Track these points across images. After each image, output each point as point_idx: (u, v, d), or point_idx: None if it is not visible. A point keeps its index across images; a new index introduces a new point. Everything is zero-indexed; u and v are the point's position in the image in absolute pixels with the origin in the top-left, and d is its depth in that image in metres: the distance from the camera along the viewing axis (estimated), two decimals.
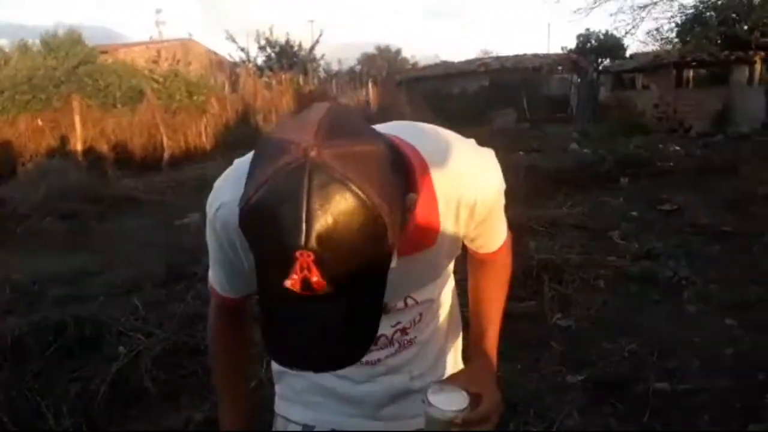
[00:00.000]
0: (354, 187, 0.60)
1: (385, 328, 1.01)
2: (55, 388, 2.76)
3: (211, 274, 1.00)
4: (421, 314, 1.05)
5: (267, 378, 2.89)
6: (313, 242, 0.59)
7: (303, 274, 0.60)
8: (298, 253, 0.59)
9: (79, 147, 10.47)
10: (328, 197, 0.59)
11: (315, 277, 0.61)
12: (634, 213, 6.25)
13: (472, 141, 0.94)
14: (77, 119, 10.53)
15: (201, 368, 2.96)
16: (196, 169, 9.93)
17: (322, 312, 0.65)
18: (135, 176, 9.45)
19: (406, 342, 1.05)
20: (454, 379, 0.96)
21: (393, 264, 0.78)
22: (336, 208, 0.59)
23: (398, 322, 1.02)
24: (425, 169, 0.84)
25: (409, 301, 1.00)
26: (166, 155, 11.39)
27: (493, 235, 1.03)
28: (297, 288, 0.62)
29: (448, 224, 0.90)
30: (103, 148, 10.64)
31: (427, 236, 0.89)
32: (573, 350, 3.23)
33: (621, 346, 3.24)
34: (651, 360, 3.08)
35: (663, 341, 3.27)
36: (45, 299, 3.93)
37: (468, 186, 0.89)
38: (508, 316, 1.11)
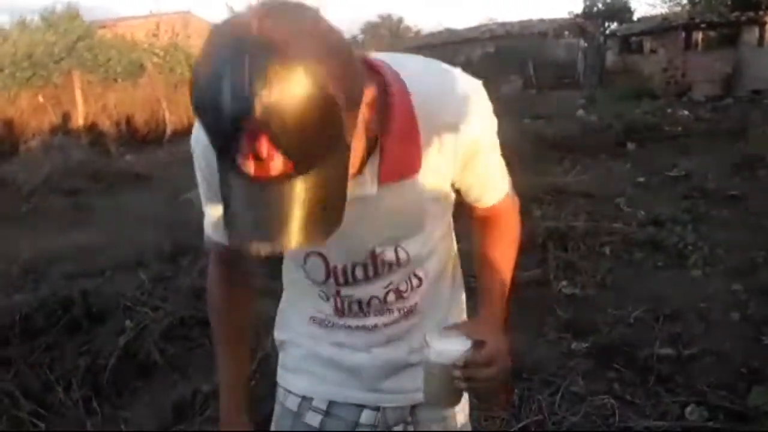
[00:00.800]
0: (298, 61, 0.58)
1: (377, 289, 0.98)
2: (64, 361, 2.80)
3: (205, 222, 0.99)
4: (420, 279, 1.00)
5: (273, 350, 2.92)
6: (258, 110, 0.57)
7: (252, 145, 0.59)
8: (244, 123, 0.58)
9: (81, 123, 10.44)
10: (269, 69, 0.57)
11: (264, 147, 0.59)
12: (641, 179, 6.20)
13: (459, 69, 0.90)
14: (78, 95, 10.47)
15: (209, 340, 2.98)
16: None
17: (278, 196, 0.64)
18: (138, 151, 9.44)
19: (406, 310, 1.01)
20: (456, 327, 0.94)
21: (373, 190, 0.84)
22: (279, 81, 0.57)
23: (390, 282, 0.97)
24: (403, 89, 0.81)
25: (400, 253, 0.95)
26: (168, 130, 11.35)
27: (488, 184, 0.97)
28: (251, 165, 0.61)
29: (431, 151, 0.86)
30: (105, 123, 10.60)
31: (408, 161, 0.85)
32: (578, 317, 3.23)
33: (626, 313, 3.24)
34: (656, 326, 3.08)
35: (668, 307, 3.26)
36: (52, 276, 3.95)
37: (449, 108, 0.85)
38: (514, 284, 1.07)
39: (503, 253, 1.03)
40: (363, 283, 0.96)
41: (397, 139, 0.82)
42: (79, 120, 10.45)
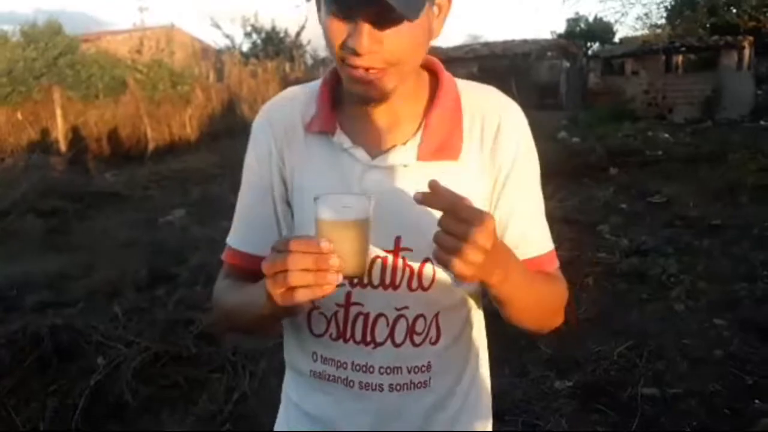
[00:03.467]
0: None
1: (389, 305, 0.88)
2: (31, 402, 2.69)
3: (233, 229, 0.97)
4: (438, 330, 0.90)
5: (251, 390, 2.84)
6: None
7: None
8: None
9: (60, 140, 10.28)
10: None
11: None
12: (623, 206, 6.23)
13: None
14: (58, 112, 10.32)
15: (183, 378, 2.90)
16: (180, 161, 9.80)
17: None
18: (118, 170, 9.30)
19: (416, 369, 0.90)
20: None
21: (411, 159, 0.86)
22: None
23: (405, 307, 0.88)
24: (453, 80, 0.90)
25: (426, 268, 0.86)
26: (150, 147, 11.23)
27: (528, 224, 0.89)
28: None
29: (473, 144, 0.88)
30: (86, 141, 10.45)
31: (449, 142, 0.87)
32: (562, 352, 3.20)
33: (610, 348, 3.21)
34: (640, 363, 3.05)
35: (652, 342, 3.24)
36: (23, 305, 3.84)
37: (493, 104, 0.90)
38: (494, 316, 0.97)
39: (552, 287, 0.91)
40: (378, 288, 0.87)
41: (441, 117, 0.87)
42: (59, 137, 10.28)
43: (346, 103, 0.90)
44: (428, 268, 0.87)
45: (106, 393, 2.76)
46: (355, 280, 0.86)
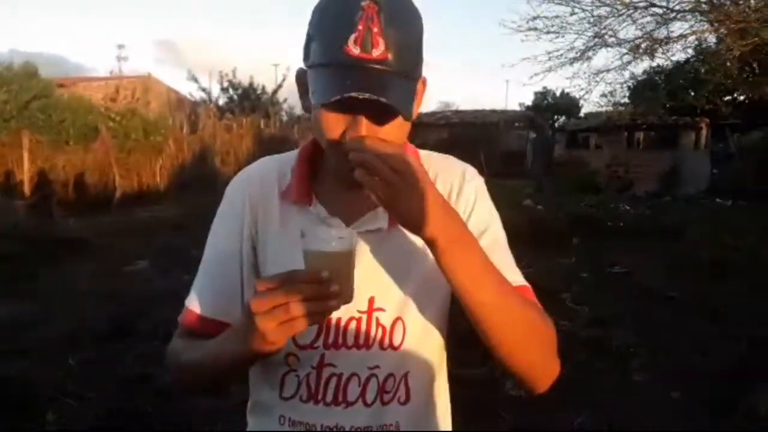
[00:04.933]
0: None
1: (362, 365, 0.90)
2: None
3: (193, 288, 0.96)
4: (408, 390, 0.92)
5: None
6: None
7: (367, 25, 0.76)
8: (365, 4, 0.75)
9: (25, 184, 10.11)
10: None
11: (376, 28, 0.76)
12: (585, 274, 6.36)
13: None
14: (25, 156, 10.19)
15: None
16: (147, 210, 9.71)
17: (375, 73, 0.77)
18: (84, 217, 9.15)
19: (383, 428, 0.91)
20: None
21: (384, 224, 0.90)
22: None
23: (377, 366, 0.90)
24: (415, 150, 0.97)
25: (397, 327, 0.89)
26: (117, 195, 11.10)
27: (498, 260, 0.85)
28: (359, 43, 0.76)
29: None
30: (52, 186, 10.29)
31: None
32: (523, 422, 3.20)
33: (570, 419, 3.22)
34: None
35: (611, 415, 3.27)
36: None
37: (452, 169, 0.97)
38: (458, 382, 1.00)
39: (533, 308, 0.86)
40: (352, 349, 0.90)
41: None
42: (24, 181, 10.11)
43: (323, 176, 0.95)
44: (399, 327, 0.91)
45: None
46: (330, 342, 0.90)
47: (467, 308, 0.81)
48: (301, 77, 0.89)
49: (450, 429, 1.04)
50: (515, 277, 0.91)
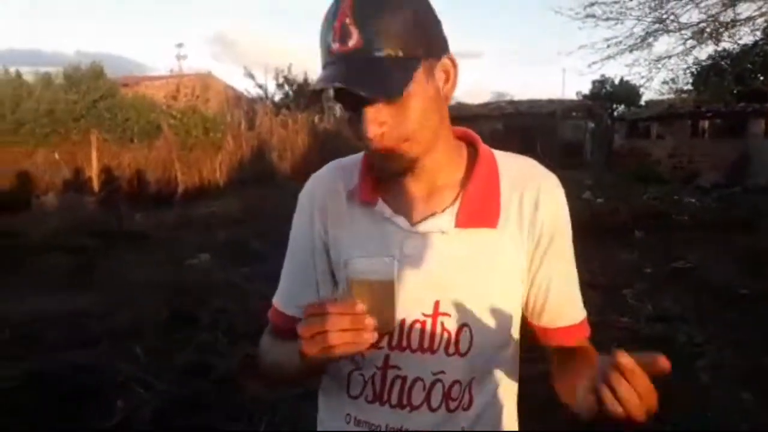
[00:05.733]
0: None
1: (426, 370, 0.89)
2: None
3: (278, 290, 1.03)
4: (471, 398, 0.91)
5: None
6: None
7: (342, 19, 0.78)
8: (341, 3, 0.79)
9: (94, 181, 10.58)
10: None
11: (348, 19, 0.78)
12: (648, 270, 6.15)
13: None
14: (94, 154, 10.67)
15: (200, 426, 2.89)
16: (208, 206, 9.99)
17: (354, 63, 0.79)
18: (147, 211, 9.50)
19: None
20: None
21: (450, 226, 0.89)
22: None
23: (442, 371, 0.89)
24: (491, 153, 0.95)
25: (464, 333, 0.89)
26: (179, 191, 11.47)
27: (565, 293, 0.92)
28: (337, 38, 0.79)
29: (511, 210, 0.90)
30: (118, 182, 10.74)
31: (487, 211, 0.90)
32: (584, 421, 3.12)
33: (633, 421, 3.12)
34: None
35: (678, 413, 3.15)
36: (44, 343, 3.89)
37: (532, 172, 0.94)
38: (520, 379, 0.98)
39: None
40: (416, 352, 0.89)
41: (479, 187, 0.90)
42: (92, 178, 10.59)
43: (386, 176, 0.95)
44: (465, 334, 0.89)
45: None
46: (394, 343, 0.90)
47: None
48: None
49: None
50: (577, 313, 0.95)
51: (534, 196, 0.91)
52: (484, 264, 0.89)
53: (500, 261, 0.90)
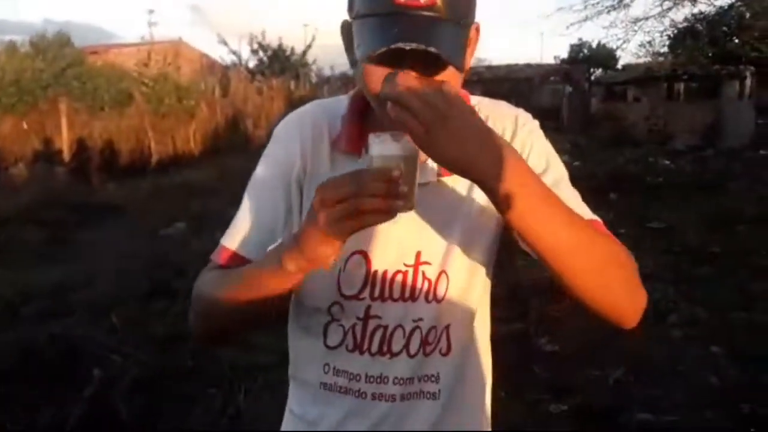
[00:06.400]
0: None
1: (407, 317, 0.90)
2: (25, 414, 2.69)
3: (231, 227, 0.94)
4: (449, 343, 0.92)
5: (245, 405, 2.84)
6: None
7: None
8: None
9: (65, 151, 10.34)
10: None
11: None
12: (623, 230, 6.23)
13: None
14: (64, 122, 10.40)
15: (179, 393, 2.90)
16: (182, 174, 9.85)
17: (423, 21, 0.74)
18: (121, 181, 9.34)
19: (424, 377, 0.92)
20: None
21: (433, 176, 0.87)
22: None
23: (420, 318, 0.90)
24: (468, 100, 0.91)
25: (441, 280, 0.89)
26: (153, 160, 11.28)
27: (566, 199, 0.79)
28: None
29: None
30: (89, 152, 10.52)
31: None
32: (557, 376, 3.20)
33: (605, 374, 3.20)
34: (636, 389, 3.05)
35: (648, 368, 3.24)
36: (21, 314, 3.85)
37: (505, 112, 0.93)
38: (493, 338, 0.99)
39: (606, 237, 0.82)
40: (398, 301, 0.90)
41: None
42: (63, 148, 10.35)
43: (372, 127, 0.89)
44: (443, 281, 0.90)
45: (102, 405, 2.76)
46: (376, 294, 0.90)
47: (541, 256, 0.76)
48: (346, 30, 0.85)
49: (490, 381, 1.03)
50: (585, 211, 0.87)
51: (510, 129, 0.91)
52: (465, 209, 0.90)
53: (481, 203, 0.89)
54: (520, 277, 4.18)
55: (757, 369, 3.23)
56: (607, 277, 0.79)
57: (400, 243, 0.89)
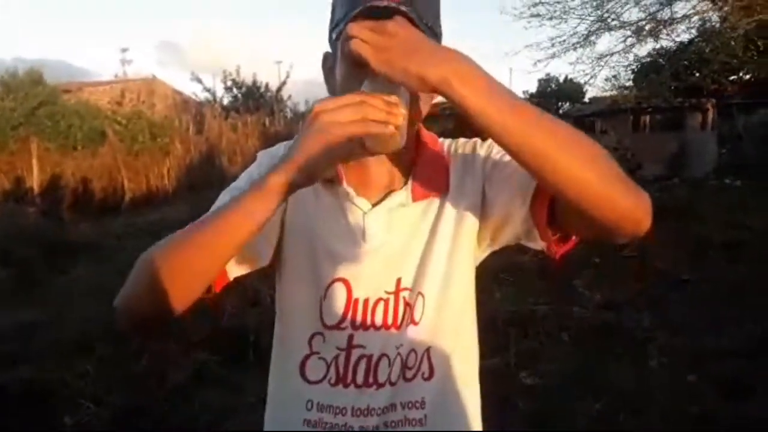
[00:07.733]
0: None
1: (390, 345, 0.89)
2: None
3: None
4: (431, 366, 0.91)
5: None
6: None
7: None
8: None
9: (35, 190, 10.17)
10: None
11: None
12: (597, 259, 6.32)
13: None
14: (35, 162, 10.26)
15: None
16: (157, 212, 9.74)
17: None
18: (94, 220, 9.19)
19: (409, 404, 0.90)
20: None
21: (408, 201, 0.91)
22: None
23: (401, 344, 0.89)
24: (432, 134, 0.98)
25: (418, 302, 0.90)
26: (126, 198, 11.15)
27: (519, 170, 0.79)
28: None
29: (461, 174, 0.93)
30: (61, 191, 10.35)
31: (437, 181, 0.92)
32: (540, 410, 3.19)
33: (587, 406, 3.21)
34: (617, 421, 3.06)
35: (628, 400, 3.25)
36: None
37: (468, 138, 0.99)
38: (480, 372, 0.99)
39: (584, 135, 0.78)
40: (380, 330, 0.90)
41: (428, 163, 0.93)
42: (33, 188, 10.18)
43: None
44: (419, 303, 0.91)
45: None
46: (357, 323, 0.90)
47: (527, 157, 0.72)
48: (326, 60, 0.90)
49: (479, 406, 1.01)
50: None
51: (471, 145, 0.97)
52: (441, 231, 0.92)
53: (457, 223, 0.92)
54: (498, 310, 4.20)
55: (730, 396, 3.26)
56: (601, 167, 0.75)
57: (380, 270, 0.90)
